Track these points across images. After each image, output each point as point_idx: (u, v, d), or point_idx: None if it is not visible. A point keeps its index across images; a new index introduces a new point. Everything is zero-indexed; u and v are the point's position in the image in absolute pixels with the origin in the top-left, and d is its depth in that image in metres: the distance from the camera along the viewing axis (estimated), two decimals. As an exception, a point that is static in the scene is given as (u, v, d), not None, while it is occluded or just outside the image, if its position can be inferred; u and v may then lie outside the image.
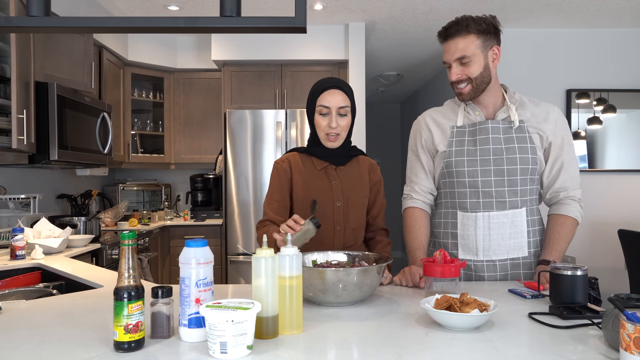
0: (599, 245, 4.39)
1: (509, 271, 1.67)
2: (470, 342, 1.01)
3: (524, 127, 1.65)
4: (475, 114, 1.69)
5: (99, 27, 0.78)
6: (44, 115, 2.83)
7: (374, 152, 7.67)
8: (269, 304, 1.05)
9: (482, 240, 1.64)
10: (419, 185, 1.77)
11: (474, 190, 1.65)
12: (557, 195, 1.69)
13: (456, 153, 1.67)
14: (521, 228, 1.65)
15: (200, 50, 4.71)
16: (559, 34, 4.42)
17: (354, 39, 4.30)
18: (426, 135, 1.76)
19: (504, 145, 1.63)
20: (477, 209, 1.65)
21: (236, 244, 4.20)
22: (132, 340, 0.96)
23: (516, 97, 1.70)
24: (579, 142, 4.39)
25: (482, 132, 1.65)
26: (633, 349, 0.81)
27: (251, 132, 4.22)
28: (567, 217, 1.66)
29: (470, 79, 1.61)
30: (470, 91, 1.63)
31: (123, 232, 0.99)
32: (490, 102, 1.69)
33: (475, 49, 1.60)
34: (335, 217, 1.68)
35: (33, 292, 1.79)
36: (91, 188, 4.20)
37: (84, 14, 3.48)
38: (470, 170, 1.65)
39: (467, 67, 1.60)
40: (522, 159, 1.62)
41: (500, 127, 1.64)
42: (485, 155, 1.64)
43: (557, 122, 1.68)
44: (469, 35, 1.59)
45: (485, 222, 1.64)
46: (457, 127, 1.70)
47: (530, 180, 1.65)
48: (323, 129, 1.65)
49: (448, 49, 1.63)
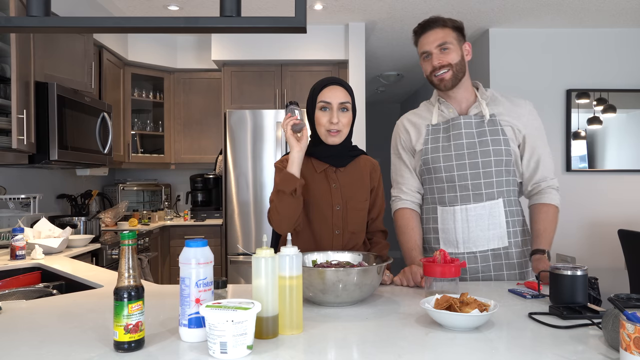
0: (599, 245, 4.39)
1: (490, 262, 1.70)
2: (470, 342, 1.01)
3: (496, 120, 1.70)
4: (449, 111, 1.75)
5: (99, 27, 0.78)
6: (44, 115, 2.83)
7: (374, 152, 7.65)
8: (269, 304, 1.05)
9: (461, 233, 1.69)
10: (406, 186, 1.81)
11: (451, 185, 1.70)
12: (538, 186, 1.74)
13: (432, 150, 1.73)
14: (499, 219, 1.69)
15: (200, 50, 4.71)
16: (559, 34, 4.42)
17: (354, 39, 4.30)
18: (404, 137, 1.82)
19: (477, 138, 1.68)
20: (455, 202, 1.70)
21: (236, 244, 4.20)
22: (132, 340, 0.96)
23: (488, 94, 1.76)
24: (579, 142, 4.39)
25: (455, 128, 1.71)
26: (633, 349, 0.81)
27: (251, 132, 4.22)
28: (550, 205, 1.71)
29: (451, 64, 1.67)
30: (452, 77, 1.68)
31: (123, 232, 0.99)
32: (464, 98, 1.74)
33: (452, 39, 1.68)
34: (334, 220, 1.66)
35: (33, 292, 1.79)
36: (91, 188, 4.20)
37: (84, 14, 3.48)
38: (446, 166, 1.70)
39: (447, 54, 1.67)
40: (495, 151, 1.67)
41: (473, 122, 1.70)
42: (459, 150, 1.69)
43: (529, 115, 1.73)
44: (446, 27, 1.69)
45: (463, 215, 1.69)
46: (432, 125, 1.76)
47: (506, 172, 1.69)
48: (324, 125, 1.63)
49: (427, 40, 1.69)
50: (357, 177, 1.72)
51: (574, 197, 4.39)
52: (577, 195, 4.40)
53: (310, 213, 1.66)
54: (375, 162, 1.80)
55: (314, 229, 1.66)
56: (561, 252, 4.29)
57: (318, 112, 1.65)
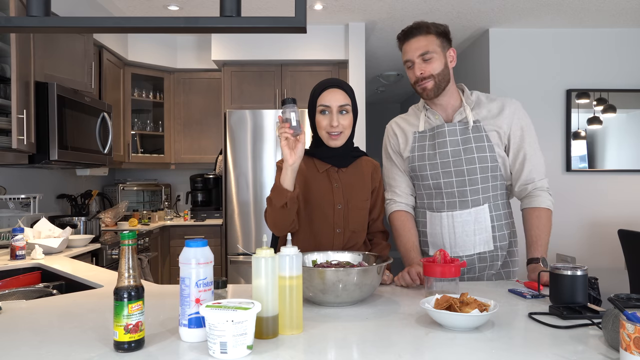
0: (599, 245, 4.39)
1: (476, 264, 1.73)
2: (470, 342, 1.01)
3: (480, 127, 1.69)
4: (435, 118, 1.75)
5: (99, 27, 0.78)
6: (44, 115, 2.83)
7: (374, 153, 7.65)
8: (269, 304, 1.05)
9: (448, 238, 1.72)
10: (399, 188, 1.81)
11: (438, 192, 1.72)
12: (525, 188, 1.72)
13: (418, 158, 1.74)
14: (485, 224, 1.70)
15: (200, 50, 4.71)
16: (559, 34, 4.42)
17: (354, 39, 4.30)
18: (393, 141, 1.83)
19: (462, 146, 1.68)
20: (442, 209, 1.72)
21: (236, 244, 4.20)
22: (132, 340, 0.96)
23: (473, 98, 1.74)
24: (579, 142, 4.39)
25: (440, 136, 1.71)
26: (633, 349, 0.81)
27: (251, 132, 4.22)
28: (541, 209, 1.69)
29: (433, 75, 1.65)
30: (434, 87, 1.66)
31: (123, 232, 0.99)
32: (449, 104, 1.73)
33: (435, 47, 1.65)
34: (335, 219, 1.67)
35: (33, 292, 1.79)
36: (91, 188, 4.20)
37: (84, 14, 3.48)
38: (433, 174, 1.72)
39: (429, 64, 1.65)
40: (480, 158, 1.67)
41: (457, 129, 1.70)
42: (445, 158, 1.69)
43: (513, 115, 1.71)
44: (429, 35, 1.65)
45: (449, 221, 1.71)
46: (418, 132, 1.76)
47: (492, 177, 1.70)
48: (324, 127, 1.65)
49: (409, 48, 1.67)
50: (359, 177, 1.73)
51: (574, 197, 4.39)
52: (577, 195, 4.40)
53: (312, 212, 1.67)
54: (376, 163, 1.81)
55: (314, 227, 1.67)
56: (561, 252, 4.30)
57: (318, 116, 1.66)
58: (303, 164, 1.71)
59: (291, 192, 1.51)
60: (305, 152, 1.74)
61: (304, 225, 1.67)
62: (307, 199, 1.67)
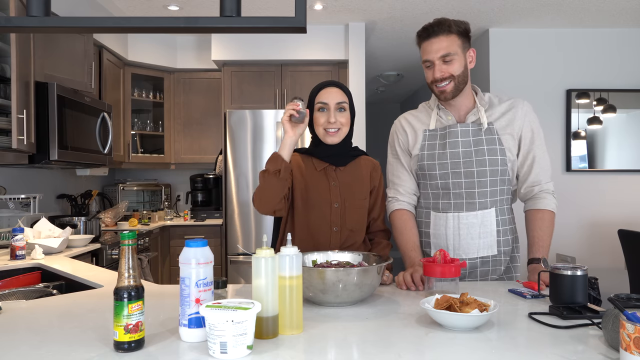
0: (599, 245, 4.39)
1: (478, 268, 1.71)
2: (470, 342, 1.01)
3: (493, 129, 1.68)
4: (447, 118, 1.72)
5: (99, 27, 0.78)
6: (44, 115, 2.83)
7: (373, 152, 7.65)
8: (269, 304, 1.05)
9: (452, 240, 1.69)
10: (403, 187, 1.80)
11: (446, 192, 1.70)
12: (531, 190, 1.72)
13: (428, 157, 1.71)
14: (490, 228, 1.68)
15: (200, 50, 4.71)
16: (559, 34, 4.42)
17: (354, 39, 4.30)
18: (402, 138, 1.80)
19: (473, 147, 1.66)
20: (448, 209, 1.70)
21: (236, 244, 4.20)
22: (132, 340, 0.96)
23: (486, 99, 1.73)
24: (579, 142, 4.39)
25: (451, 136, 1.68)
26: (633, 349, 0.81)
27: (251, 132, 4.22)
28: (545, 211, 1.69)
29: (453, 76, 1.63)
30: (453, 89, 1.65)
31: (123, 232, 0.99)
32: (463, 105, 1.72)
33: (457, 48, 1.62)
34: (332, 218, 1.68)
35: (33, 292, 1.79)
36: (91, 188, 4.20)
37: (84, 14, 3.48)
38: (442, 173, 1.69)
39: (450, 65, 1.62)
40: (491, 161, 1.66)
41: (470, 130, 1.68)
42: (455, 158, 1.67)
43: (525, 117, 1.71)
44: (451, 35, 1.62)
45: (455, 222, 1.69)
46: (429, 130, 1.74)
47: (501, 181, 1.68)
48: (322, 124, 1.66)
49: (431, 48, 1.63)
50: (357, 176, 1.73)
51: (573, 197, 4.39)
52: (577, 195, 4.40)
53: (309, 210, 1.67)
54: (376, 162, 1.81)
55: (311, 225, 1.68)
56: (561, 252, 4.29)
57: (316, 113, 1.68)
58: (301, 162, 1.72)
59: (286, 162, 1.55)
60: (304, 151, 1.75)
61: (301, 223, 1.68)
62: (305, 197, 1.68)
